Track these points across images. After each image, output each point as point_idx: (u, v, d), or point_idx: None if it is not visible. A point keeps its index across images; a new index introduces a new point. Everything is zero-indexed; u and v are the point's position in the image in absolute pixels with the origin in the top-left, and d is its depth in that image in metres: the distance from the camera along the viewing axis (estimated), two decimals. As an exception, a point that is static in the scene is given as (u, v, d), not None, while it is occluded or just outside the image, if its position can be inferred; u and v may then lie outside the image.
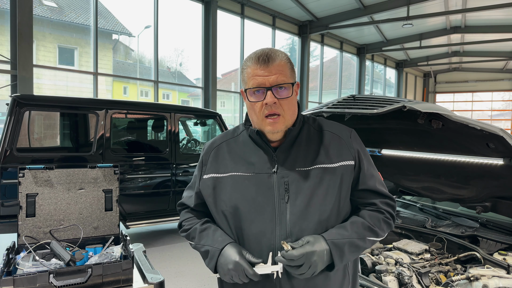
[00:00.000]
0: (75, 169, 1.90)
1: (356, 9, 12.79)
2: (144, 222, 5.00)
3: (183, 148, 6.06)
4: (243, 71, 1.25)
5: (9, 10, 6.98)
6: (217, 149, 1.36)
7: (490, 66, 23.22)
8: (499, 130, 1.89)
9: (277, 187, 1.22)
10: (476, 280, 1.98)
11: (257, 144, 1.29)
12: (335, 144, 1.28)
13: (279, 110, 1.20)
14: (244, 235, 1.24)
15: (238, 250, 1.19)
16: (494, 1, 11.61)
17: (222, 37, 11.11)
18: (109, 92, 9.76)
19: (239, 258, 1.16)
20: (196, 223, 1.36)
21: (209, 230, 1.31)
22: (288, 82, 1.20)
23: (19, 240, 1.75)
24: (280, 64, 1.20)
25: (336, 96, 17.20)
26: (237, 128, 1.40)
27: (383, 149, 2.97)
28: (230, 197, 1.26)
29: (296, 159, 1.25)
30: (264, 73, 1.18)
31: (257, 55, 1.20)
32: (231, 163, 1.30)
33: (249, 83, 1.21)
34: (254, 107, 1.22)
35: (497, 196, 2.44)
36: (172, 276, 4.21)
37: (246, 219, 1.23)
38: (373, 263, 2.33)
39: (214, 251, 1.23)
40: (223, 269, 1.20)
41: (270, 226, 1.21)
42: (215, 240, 1.26)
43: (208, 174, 1.33)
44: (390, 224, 1.30)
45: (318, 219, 1.20)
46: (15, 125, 4.09)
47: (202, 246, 1.29)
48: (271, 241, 1.20)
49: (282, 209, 1.21)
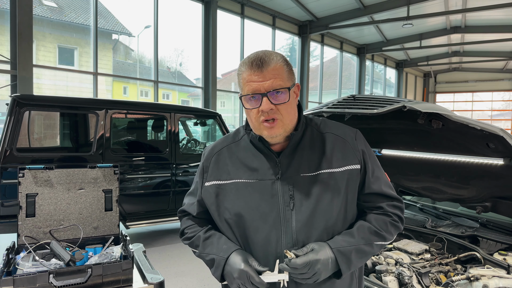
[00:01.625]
0: (75, 169, 1.90)
1: (356, 9, 12.79)
2: (144, 222, 5.00)
3: (183, 148, 6.06)
4: (238, 76, 1.20)
5: (9, 10, 6.98)
6: (217, 155, 1.31)
7: (490, 66, 23.22)
8: (499, 130, 1.89)
9: (281, 194, 1.19)
10: (476, 280, 1.98)
11: (259, 150, 1.25)
12: (340, 147, 1.24)
13: (277, 115, 1.15)
14: (249, 243, 1.21)
15: (243, 258, 1.16)
16: (494, 1, 11.60)
17: (222, 37, 11.11)
18: (109, 92, 9.76)
19: (244, 266, 1.13)
20: (199, 231, 1.32)
21: (214, 238, 1.27)
22: (284, 86, 1.15)
23: (19, 240, 1.75)
24: (276, 68, 1.14)
25: (336, 96, 17.20)
26: (238, 132, 1.35)
27: (383, 149, 2.97)
28: (233, 205, 1.23)
29: (300, 164, 1.21)
30: (259, 79, 1.13)
31: (251, 59, 1.15)
32: (233, 170, 1.26)
33: (244, 89, 1.17)
34: (250, 114, 1.18)
35: (497, 196, 2.44)
36: (172, 276, 4.21)
37: (250, 227, 1.20)
38: (373, 263, 2.33)
39: (220, 260, 1.20)
40: (229, 277, 1.17)
41: (276, 234, 1.17)
42: (220, 248, 1.22)
43: (210, 181, 1.28)
44: (398, 226, 1.27)
45: (325, 225, 1.18)
46: (15, 125, 4.09)
47: (207, 254, 1.25)
48: (277, 249, 1.17)
49: (287, 216, 1.18)
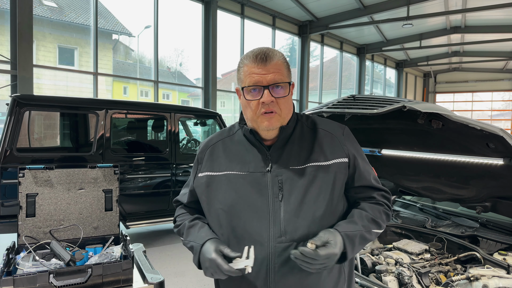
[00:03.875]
0: (75, 169, 1.90)
1: (356, 9, 12.78)
2: (144, 222, 5.00)
3: (183, 148, 6.06)
4: (240, 69, 1.25)
5: (9, 10, 6.98)
6: (212, 148, 1.37)
7: (490, 66, 23.21)
8: (499, 130, 1.89)
9: (271, 186, 1.23)
10: (476, 280, 1.98)
11: (251, 143, 1.30)
12: (328, 141, 1.29)
13: (275, 109, 1.20)
14: (237, 234, 1.24)
15: (215, 246, 1.19)
16: (494, 1, 11.60)
17: (222, 37, 11.10)
18: (109, 92, 9.76)
19: (214, 254, 1.16)
20: (186, 220, 1.37)
21: (196, 226, 1.33)
22: (285, 81, 1.21)
23: (19, 240, 1.75)
24: (278, 63, 1.20)
25: (336, 96, 17.20)
26: (233, 126, 1.41)
27: (383, 149, 2.97)
28: (224, 196, 1.27)
29: (289, 157, 1.26)
30: (262, 72, 1.18)
31: (255, 53, 1.21)
32: (226, 162, 1.31)
33: (246, 81, 1.21)
34: (250, 105, 1.22)
35: (497, 196, 2.44)
36: (172, 276, 4.21)
37: (240, 218, 1.23)
38: (373, 263, 2.33)
39: (197, 247, 1.24)
40: (203, 266, 1.21)
41: (264, 224, 1.21)
42: (199, 236, 1.27)
43: (203, 172, 1.34)
44: (389, 215, 1.34)
45: (312, 217, 1.21)
46: (15, 125, 4.09)
47: (188, 242, 1.31)
48: (265, 239, 1.20)
49: (276, 207, 1.21)
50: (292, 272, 1.20)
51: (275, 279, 1.20)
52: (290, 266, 1.20)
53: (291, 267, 1.20)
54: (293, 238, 1.20)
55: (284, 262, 1.20)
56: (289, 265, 1.19)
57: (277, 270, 1.20)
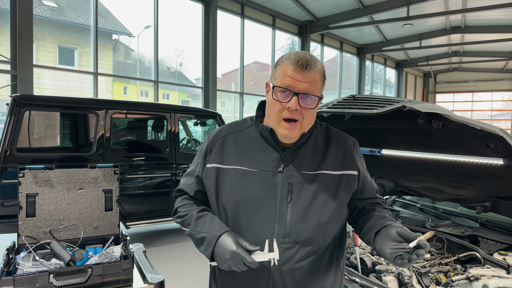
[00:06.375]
0: (75, 169, 1.90)
1: (356, 9, 12.78)
2: (144, 222, 5.00)
3: (183, 148, 6.06)
4: (277, 66, 1.24)
5: (9, 10, 6.98)
6: (223, 140, 1.34)
7: (490, 66, 23.21)
8: (499, 130, 1.89)
9: (280, 187, 1.24)
10: (476, 280, 1.98)
11: (267, 142, 1.29)
12: (340, 153, 1.31)
13: (299, 117, 1.20)
14: (242, 229, 1.24)
15: (234, 239, 1.16)
16: (494, 1, 11.60)
17: (222, 37, 11.10)
18: (109, 92, 9.76)
19: (236, 247, 1.14)
20: (193, 210, 1.34)
21: (207, 217, 1.29)
22: (316, 94, 1.20)
23: (19, 240, 1.75)
24: (315, 75, 1.20)
25: (336, 96, 17.19)
26: (245, 121, 1.39)
27: (383, 149, 2.97)
28: (231, 191, 1.26)
29: (302, 162, 1.27)
30: (298, 78, 1.17)
31: (298, 57, 1.19)
32: (236, 156, 1.29)
33: (279, 81, 1.20)
34: (274, 106, 1.22)
35: (497, 196, 2.44)
36: (172, 276, 4.21)
37: (246, 214, 1.24)
38: (373, 263, 2.33)
39: (211, 238, 1.20)
40: (220, 259, 1.17)
41: (270, 223, 1.22)
42: (213, 227, 1.23)
43: (212, 163, 1.31)
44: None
45: (317, 222, 1.23)
46: (15, 125, 4.09)
47: (198, 232, 1.26)
48: (269, 237, 1.20)
49: (283, 208, 1.22)
50: (292, 272, 1.22)
51: (276, 278, 1.22)
52: (290, 265, 1.21)
53: (292, 266, 1.21)
54: (297, 240, 1.22)
55: (285, 262, 1.21)
56: (290, 265, 1.21)
57: (278, 269, 1.21)
